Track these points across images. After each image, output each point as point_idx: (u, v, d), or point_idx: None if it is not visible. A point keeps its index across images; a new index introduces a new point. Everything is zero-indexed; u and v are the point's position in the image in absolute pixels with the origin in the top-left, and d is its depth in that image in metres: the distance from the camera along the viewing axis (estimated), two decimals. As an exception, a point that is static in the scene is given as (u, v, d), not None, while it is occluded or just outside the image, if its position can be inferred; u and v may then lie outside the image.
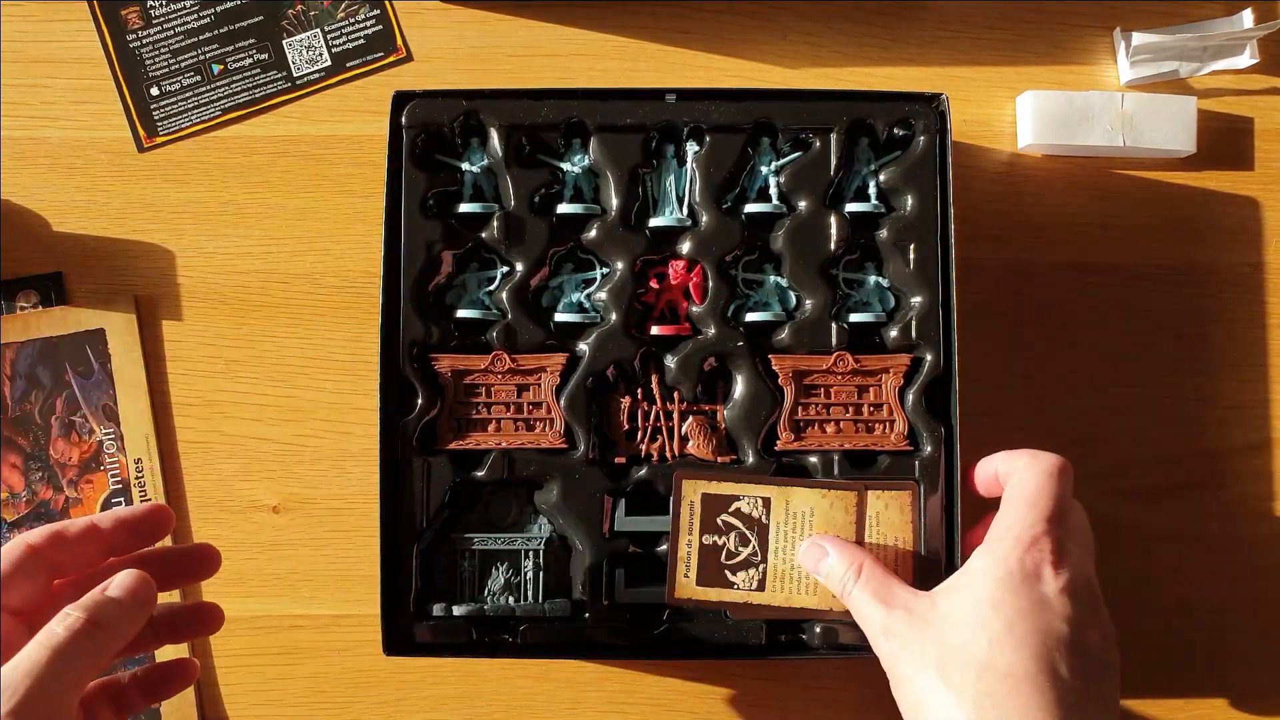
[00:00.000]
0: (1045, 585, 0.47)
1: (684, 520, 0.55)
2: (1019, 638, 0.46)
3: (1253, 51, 0.64)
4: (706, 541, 0.55)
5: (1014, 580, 0.47)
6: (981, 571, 0.48)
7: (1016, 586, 0.47)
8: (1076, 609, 0.47)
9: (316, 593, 0.63)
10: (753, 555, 0.55)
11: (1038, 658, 0.46)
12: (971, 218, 0.63)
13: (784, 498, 0.55)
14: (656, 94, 0.58)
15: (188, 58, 0.65)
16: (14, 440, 0.63)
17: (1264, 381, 0.64)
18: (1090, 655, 0.47)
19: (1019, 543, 0.48)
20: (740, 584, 0.55)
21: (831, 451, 0.56)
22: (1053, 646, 0.46)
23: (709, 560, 0.55)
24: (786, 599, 0.55)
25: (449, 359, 0.57)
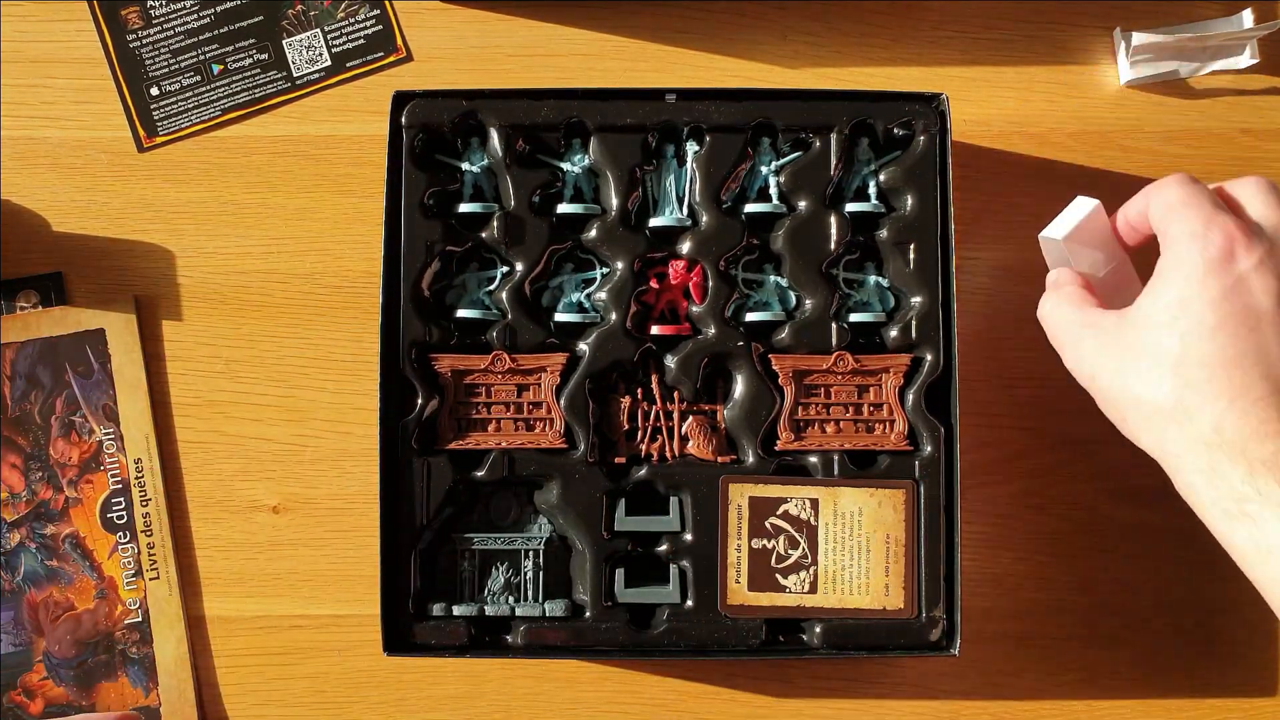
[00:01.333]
0: (1240, 264, 0.47)
1: (732, 525, 0.54)
2: (1212, 326, 0.46)
3: (1253, 51, 0.64)
4: (755, 546, 0.54)
5: (1199, 271, 0.47)
6: (1164, 273, 0.48)
7: (1203, 277, 0.47)
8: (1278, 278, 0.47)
9: (316, 593, 0.63)
10: (803, 558, 0.55)
11: (1237, 339, 0.46)
12: (971, 218, 0.63)
13: (832, 498, 0.54)
14: (656, 94, 0.58)
15: (188, 58, 0.65)
16: (14, 440, 0.63)
17: (1264, 381, 0.63)
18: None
19: (1194, 236, 0.48)
20: (792, 587, 0.54)
21: (831, 451, 0.56)
22: (1255, 325, 0.46)
23: (759, 565, 0.54)
24: (840, 600, 0.54)
25: (449, 359, 0.57)
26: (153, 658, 0.62)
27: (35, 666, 0.62)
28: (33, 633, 0.62)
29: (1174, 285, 0.48)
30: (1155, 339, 0.48)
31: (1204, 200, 0.49)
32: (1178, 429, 0.48)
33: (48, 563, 0.62)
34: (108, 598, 0.62)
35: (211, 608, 0.62)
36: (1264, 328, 0.46)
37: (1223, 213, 0.48)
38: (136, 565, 0.62)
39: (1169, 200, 0.50)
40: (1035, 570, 0.62)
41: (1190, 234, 0.48)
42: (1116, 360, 0.49)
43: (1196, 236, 0.48)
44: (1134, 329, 0.49)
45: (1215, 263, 0.47)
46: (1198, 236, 0.48)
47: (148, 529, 0.62)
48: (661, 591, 0.56)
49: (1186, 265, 0.48)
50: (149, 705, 0.62)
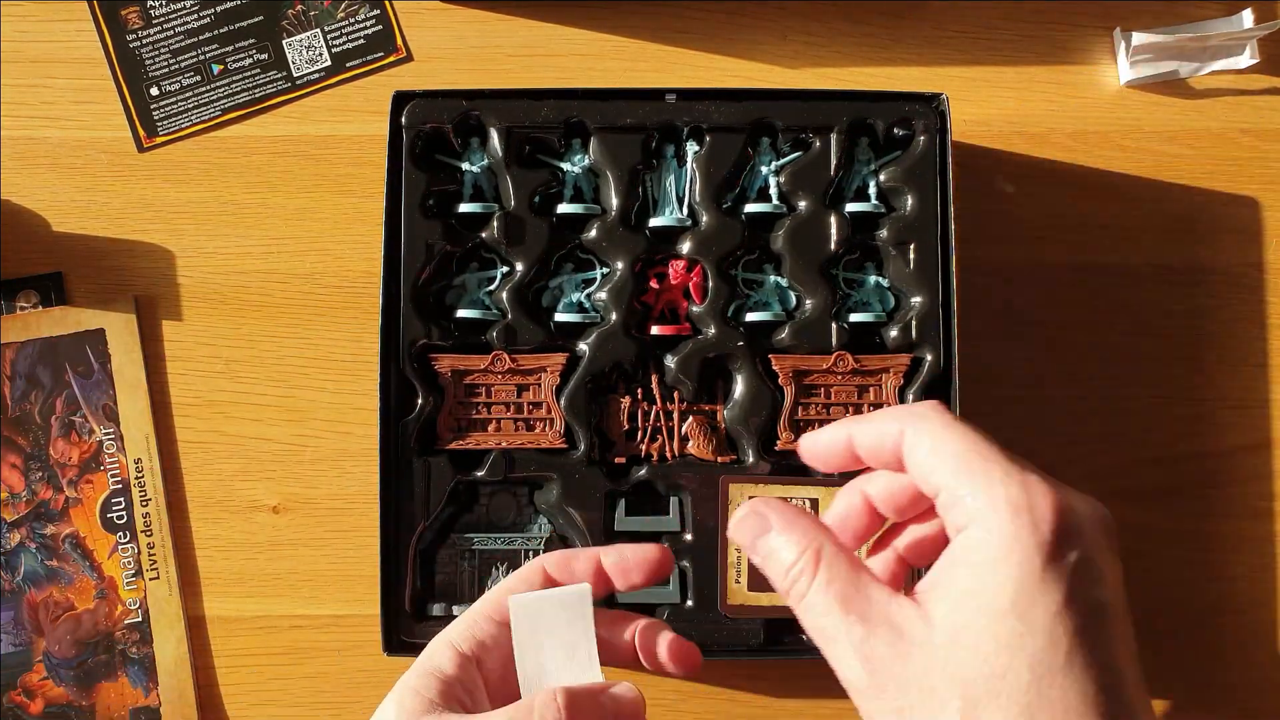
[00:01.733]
0: (1073, 550, 0.33)
1: None
2: (1066, 654, 0.32)
3: (1253, 51, 0.64)
4: None
5: (1035, 563, 0.32)
6: (975, 567, 0.33)
7: (1041, 573, 0.32)
8: (1118, 577, 0.34)
9: (316, 593, 0.63)
10: None
11: (1104, 669, 0.32)
12: (971, 218, 0.63)
13: (831, 498, 0.54)
14: (656, 94, 0.58)
15: (188, 58, 0.65)
16: (14, 440, 0.63)
17: (1264, 381, 0.64)
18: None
19: (1015, 507, 0.33)
20: None
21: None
22: (1104, 639, 0.33)
23: None
24: None
25: (449, 359, 0.57)
26: (153, 658, 0.62)
27: (35, 666, 0.62)
28: (33, 633, 0.62)
29: (996, 587, 0.32)
30: (988, 670, 0.32)
31: (1004, 453, 0.34)
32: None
33: (48, 563, 0.62)
34: (108, 598, 0.62)
35: (211, 608, 0.62)
36: (1112, 632, 0.33)
37: (1033, 469, 0.34)
38: (136, 565, 0.62)
39: (954, 449, 0.34)
40: (1035, 570, 0.62)
41: (1009, 503, 0.33)
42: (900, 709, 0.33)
43: (1019, 508, 0.33)
44: (947, 657, 0.33)
45: (1050, 550, 0.32)
46: (1020, 509, 0.33)
47: (148, 529, 0.62)
48: (661, 591, 0.56)
49: (1014, 554, 0.32)
50: (149, 705, 0.62)
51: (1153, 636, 0.62)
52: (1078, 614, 0.32)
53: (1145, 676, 0.40)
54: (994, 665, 0.32)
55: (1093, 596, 0.33)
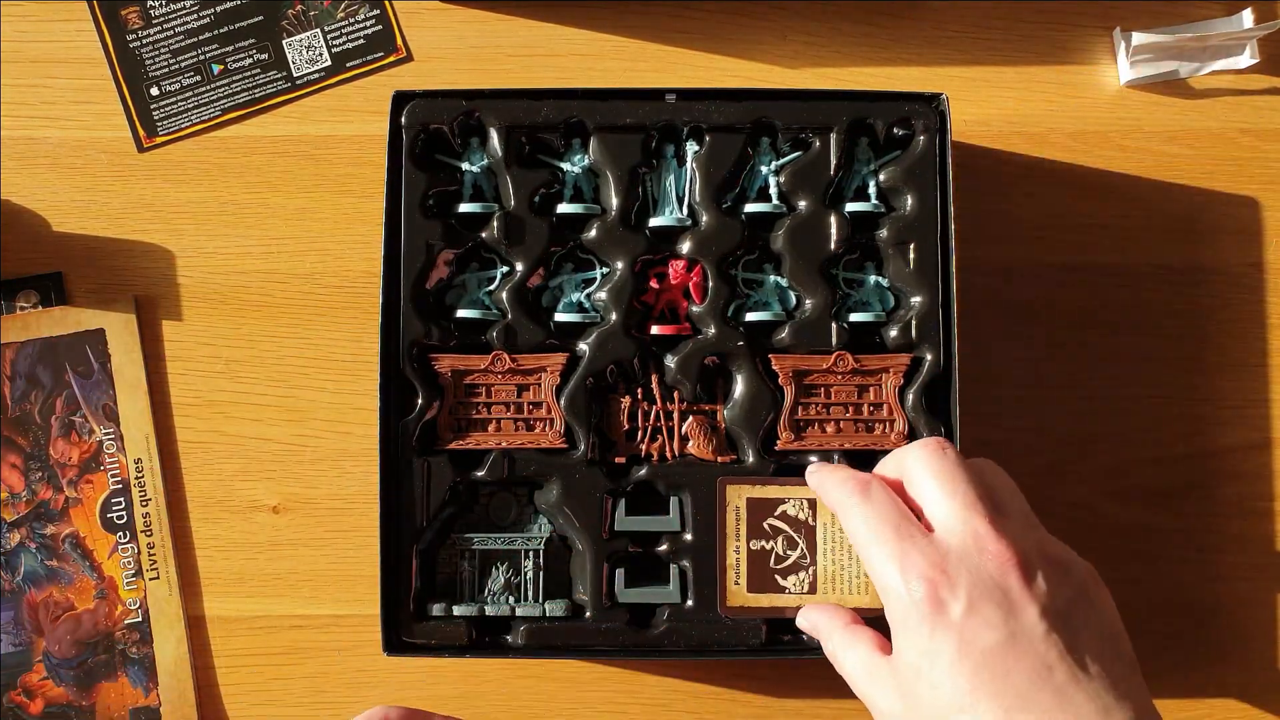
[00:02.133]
0: (951, 610, 0.42)
1: (730, 526, 0.54)
2: (967, 693, 0.41)
3: (1253, 51, 0.64)
4: (754, 547, 0.54)
5: (925, 632, 0.43)
6: (894, 629, 0.44)
7: (930, 637, 0.42)
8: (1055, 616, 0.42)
9: (316, 593, 0.63)
10: (801, 558, 0.54)
11: (997, 696, 0.41)
12: (971, 217, 0.63)
13: None
14: (656, 94, 0.58)
15: (188, 58, 0.65)
16: (14, 440, 0.63)
17: (1264, 381, 0.64)
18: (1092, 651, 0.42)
19: (895, 593, 0.44)
20: (792, 588, 0.54)
21: (832, 451, 0.56)
22: (1002, 671, 0.41)
23: (758, 566, 0.54)
24: (840, 599, 0.54)
25: (449, 359, 0.57)
26: (153, 658, 0.62)
27: (35, 666, 0.62)
28: (33, 633, 0.62)
29: (909, 650, 0.43)
30: (931, 714, 0.42)
31: (886, 523, 0.45)
32: None
33: (48, 563, 0.62)
34: (108, 598, 0.62)
35: (211, 608, 0.62)
36: (1011, 667, 0.41)
37: (909, 535, 0.44)
38: (136, 565, 0.62)
39: (855, 533, 0.46)
40: (1035, 570, 0.62)
41: (891, 589, 0.44)
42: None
43: (898, 593, 0.43)
44: (908, 696, 0.43)
45: (930, 618, 0.42)
46: (899, 592, 0.43)
47: (148, 529, 0.62)
48: (662, 591, 0.56)
49: (909, 625, 0.43)
50: (149, 705, 0.62)
51: (1153, 636, 0.62)
52: (969, 659, 0.41)
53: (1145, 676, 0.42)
54: (924, 710, 0.42)
55: (982, 640, 0.41)
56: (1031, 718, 0.40)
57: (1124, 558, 0.63)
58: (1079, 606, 0.43)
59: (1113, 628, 0.44)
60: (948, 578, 0.43)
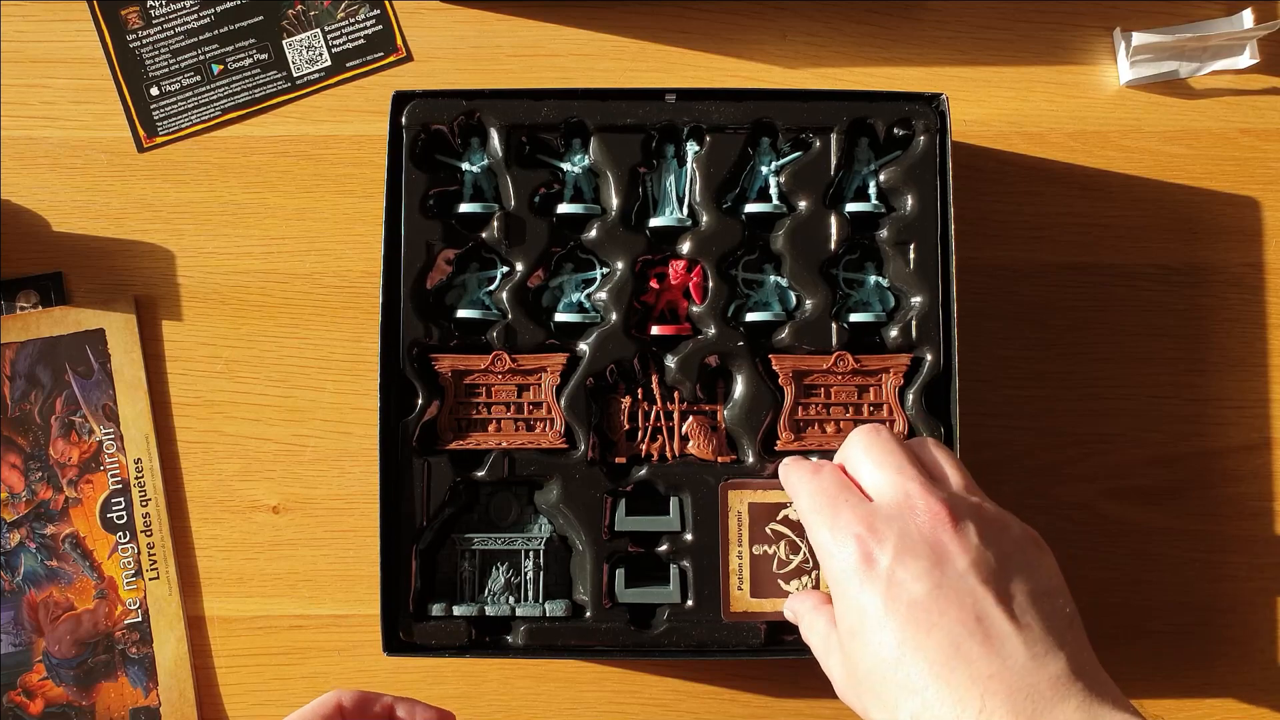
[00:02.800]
0: (880, 563, 0.42)
1: (732, 532, 0.54)
2: (895, 648, 0.41)
3: (1253, 51, 0.64)
4: (756, 552, 0.54)
5: (854, 589, 0.43)
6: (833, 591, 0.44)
7: (859, 594, 0.43)
8: (985, 569, 0.42)
9: (316, 593, 0.63)
10: (804, 562, 0.54)
11: (924, 648, 0.41)
12: (971, 217, 0.63)
13: None
14: (656, 94, 0.58)
15: (188, 58, 0.65)
16: (14, 440, 0.63)
17: (1264, 381, 0.64)
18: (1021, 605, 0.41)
19: (828, 551, 0.44)
20: (794, 592, 0.54)
21: (832, 451, 0.56)
22: (928, 622, 0.41)
23: (761, 571, 0.54)
24: None
25: (449, 359, 0.57)
26: (153, 658, 0.62)
27: (35, 666, 0.62)
28: (33, 633, 0.62)
29: (844, 611, 0.43)
30: (868, 675, 0.42)
31: (825, 493, 0.46)
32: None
33: (48, 563, 0.62)
34: (108, 598, 0.62)
35: (211, 608, 0.62)
36: (938, 619, 0.41)
37: (844, 501, 0.45)
38: (136, 565, 0.62)
39: (802, 511, 0.47)
40: (1035, 570, 0.62)
41: (826, 552, 0.44)
42: (856, 696, 0.44)
43: (830, 552, 0.44)
44: (850, 660, 0.44)
45: (860, 572, 0.42)
46: (831, 552, 0.44)
47: (148, 529, 0.62)
48: (662, 591, 0.56)
49: (841, 584, 0.43)
50: (149, 705, 0.62)
51: (1153, 636, 0.62)
52: (896, 612, 0.41)
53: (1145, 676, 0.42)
54: (866, 656, 0.42)
55: (909, 591, 0.41)
56: (960, 668, 0.40)
57: (1124, 558, 0.63)
58: (1014, 562, 0.43)
59: (1051, 584, 0.43)
60: (876, 534, 0.43)
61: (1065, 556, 0.62)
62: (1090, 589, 0.62)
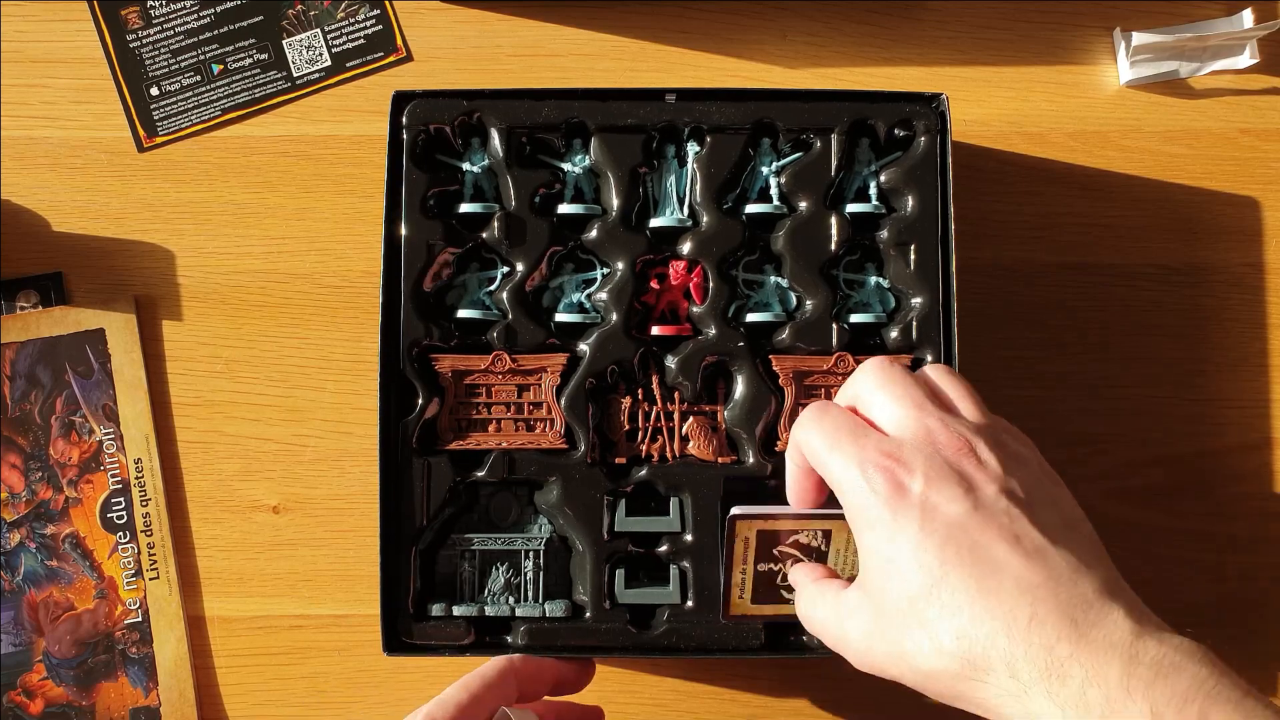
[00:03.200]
0: (912, 490, 0.42)
1: (738, 554, 0.54)
2: (937, 573, 0.41)
3: (1253, 51, 0.64)
4: (761, 569, 0.54)
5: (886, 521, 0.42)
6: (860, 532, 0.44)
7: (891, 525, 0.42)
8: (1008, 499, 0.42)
9: (316, 593, 0.63)
10: None
11: (966, 569, 0.41)
12: (971, 217, 0.63)
13: (845, 532, 0.52)
14: (656, 94, 0.58)
15: (188, 58, 0.65)
16: (14, 440, 0.63)
17: (1264, 381, 0.64)
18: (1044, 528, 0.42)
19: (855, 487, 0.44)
20: (793, 598, 0.53)
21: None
22: (969, 544, 0.41)
23: (764, 583, 0.54)
24: None
25: (449, 359, 0.57)
26: (153, 658, 0.62)
27: (35, 666, 0.62)
28: (33, 633, 0.62)
29: (875, 546, 0.43)
30: (903, 607, 0.42)
31: (842, 431, 0.45)
32: (978, 687, 0.40)
33: (48, 563, 0.62)
34: (108, 598, 0.62)
35: (211, 608, 0.63)
36: (977, 538, 0.41)
37: (864, 435, 0.44)
38: (136, 565, 0.62)
39: (811, 447, 0.46)
40: (1035, 570, 0.62)
41: (850, 487, 0.44)
42: (886, 642, 0.43)
43: (857, 487, 0.43)
44: (877, 604, 0.43)
45: (891, 503, 0.42)
46: (858, 486, 0.43)
47: (148, 529, 0.62)
48: (662, 592, 0.56)
49: (871, 518, 0.43)
50: (149, 705, 0.62)
51: (1153, 636, 0.62)
52: (934, 534, 0.41)
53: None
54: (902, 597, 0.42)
55: (945, 512, 0.41)
56: (1006, 581, 0.40)
57: (1125, 558, 0.62)
58: (1038, 490, 0.44)
59: (1075, 513, 0.44)
60: (904, 464, 0.43)
61: (1065, 556, 0.62)
62: (1090, 589, 0.62)
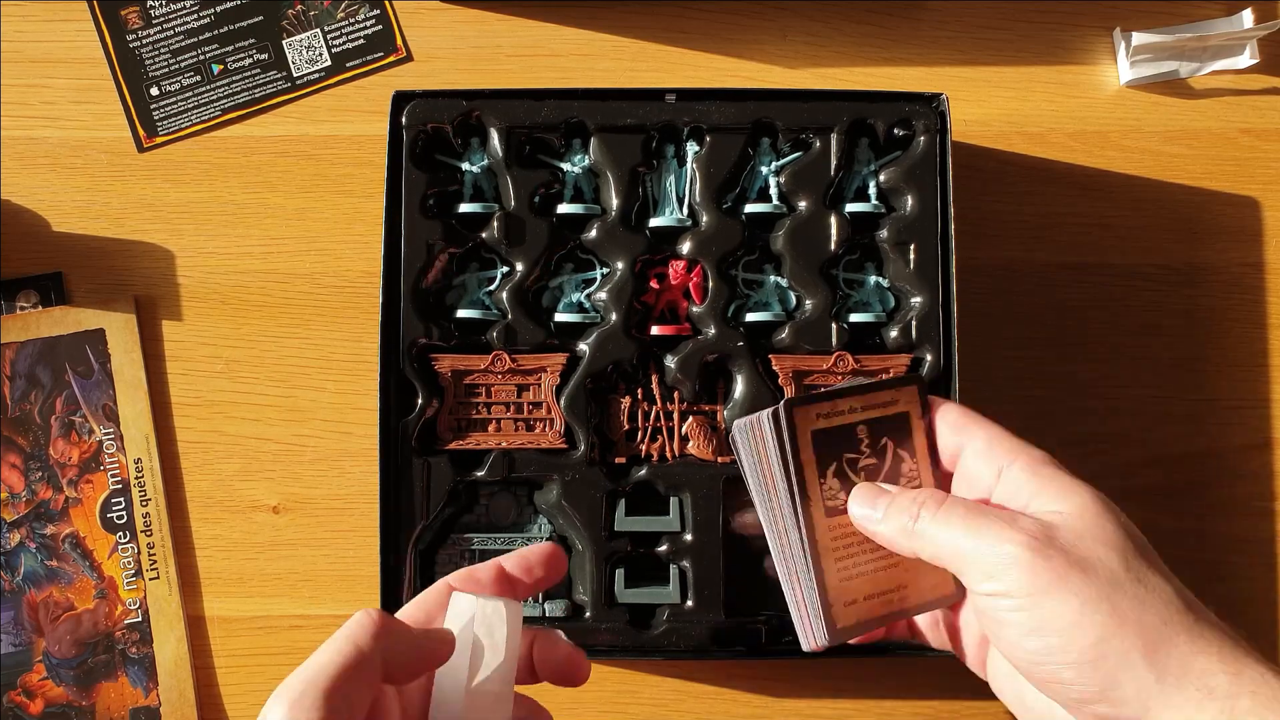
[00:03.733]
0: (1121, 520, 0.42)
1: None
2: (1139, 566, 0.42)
3: (1253, 51, 0.64)
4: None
5: (1114, 525, 0.43)
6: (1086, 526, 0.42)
7: (1116, 529, 0.43)
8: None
9: (316, 593, 0.63)
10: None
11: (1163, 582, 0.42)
12: (971, 217, 0.63)
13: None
14: (656, 94, 0.58)
15: (188, 58, 0.65)
16: (14, 440, 0.63)
17: (1264, 381, 0.64)
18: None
19: (1100, 504, 0.43)
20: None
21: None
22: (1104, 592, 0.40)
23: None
24: None
25: (449, 359, 0.57)
26: (153, 658, 0.62)
27: (35, 666, 0.62)
28: (33, 633, 0.62)
29: (1097, 536, 0.42)
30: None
31: (973, 516, 0.41)
32: None
33: (48, 563, 0.62)
34: (108, 598, 0.62)
35: (211, 608, 0.62)
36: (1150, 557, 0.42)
37: (992, 516, 0.41)
38: (136, 565, 0.62)
39: (943, 535, 0.41)
40: (1035, 570, 0.62)
41: (1095, 500, 0.44)
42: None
43: (1101, 505, 0.44)
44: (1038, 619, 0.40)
45: (1115, 521, 0.43)
46: (1102, 506, 0.44)
47: (148, 529, 0.62)
48: (661, 592, 0.56)
49: (1016, 567, 0.40)
50: (149, 705, 0.62)
51: (1153, 636, 0.62)
52: (1133, 545, 0.43)
53: None
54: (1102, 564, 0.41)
55: (1136, 538, 0.43)
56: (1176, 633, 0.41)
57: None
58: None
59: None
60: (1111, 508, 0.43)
61: (1065, 556, 0.62)
62: (1090, 589, 0.62)
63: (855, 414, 0.43)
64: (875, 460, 0.43)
